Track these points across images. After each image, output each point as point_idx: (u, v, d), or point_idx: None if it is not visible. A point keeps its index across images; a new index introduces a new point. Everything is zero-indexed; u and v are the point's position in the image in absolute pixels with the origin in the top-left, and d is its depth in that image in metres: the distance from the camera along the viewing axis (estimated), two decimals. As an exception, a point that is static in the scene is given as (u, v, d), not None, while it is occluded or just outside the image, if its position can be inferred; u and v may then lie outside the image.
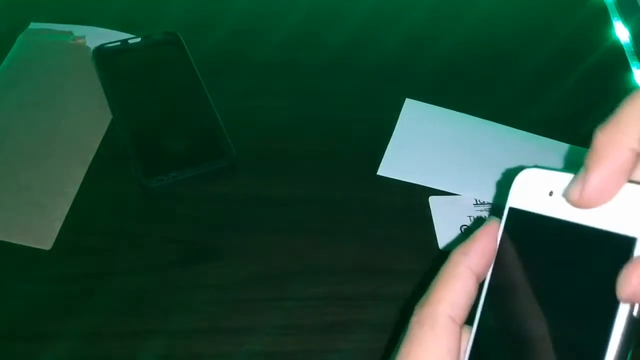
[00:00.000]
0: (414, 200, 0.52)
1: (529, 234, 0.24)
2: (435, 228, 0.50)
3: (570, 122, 0.57)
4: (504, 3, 0.68)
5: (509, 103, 0.59)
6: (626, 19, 0.67)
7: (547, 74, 0.61)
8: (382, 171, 0.53)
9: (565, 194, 0.22)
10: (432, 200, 0.52)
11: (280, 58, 0.61)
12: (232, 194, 0.52)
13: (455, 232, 0.50)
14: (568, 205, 0.22)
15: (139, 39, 0.59)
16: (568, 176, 0.23)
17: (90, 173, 0.52)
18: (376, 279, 0.48)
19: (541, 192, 0.23)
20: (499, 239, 0.25)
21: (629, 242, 0.21)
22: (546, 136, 0.56)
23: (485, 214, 0.51)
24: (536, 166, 0.24)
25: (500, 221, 0.25)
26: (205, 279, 0.47)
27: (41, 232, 0.48)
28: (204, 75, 0.57)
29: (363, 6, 0.67)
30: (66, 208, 0.50)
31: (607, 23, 0.66)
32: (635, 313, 0.21)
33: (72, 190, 0.51)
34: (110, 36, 0.60)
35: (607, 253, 0.21)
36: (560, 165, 0.54)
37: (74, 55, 0.59)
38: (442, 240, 0.49)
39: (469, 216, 0.51)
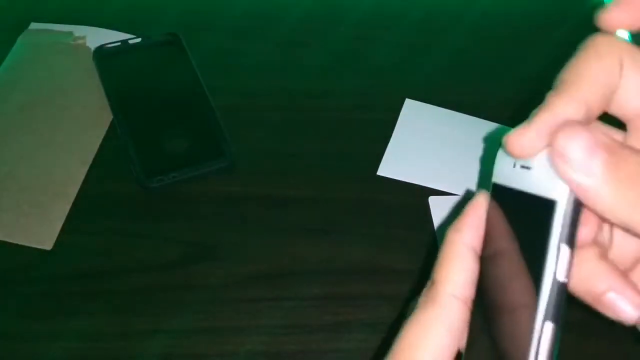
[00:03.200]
0: (414, 200, 0.52)
1: (502, 205, 0.24)
2: (435, 228, 0.50)
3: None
4: (504, 3, 0.68)
5: (509, 103, 0.59)
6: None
7: (547, 74, 0.61)
8: (382, 171, 0.53)
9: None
10: (432, 200, 0.52)
11: (280, 58, 0.61)
12: (231, 194, 0.52)
13: (455, 232, 0.50)
14: (518, 174, 0.23)
15: (139, 39, 0.59)
16: None
17: (90, 173, 0.52)
18: (376, 279, 0.48)
19: (509, 164, 0.24)
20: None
21: (552, 204, 0.22)
22: (546, 136, 0.56)
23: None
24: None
25: (489, 194, 0.25)
26: (205, 279, 0.47)
27: (42, 232, 0.48)
28: (203, 76, 0.57)
29: (363, 6, 0.66)
30: (67, 208, 0.50)
31: (606, 23, 0.66)
32: (559, 277, 0.21)
33: (73, 190, 0.51)
34: (110, 36, 0.60)
35: (538, 216, 0.22)
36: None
37: (74, 56, 0.59)
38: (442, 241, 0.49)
39: (469, 216, 0.51)
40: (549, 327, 0.21)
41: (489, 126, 0.56)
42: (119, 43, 0.59)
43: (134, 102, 0.56)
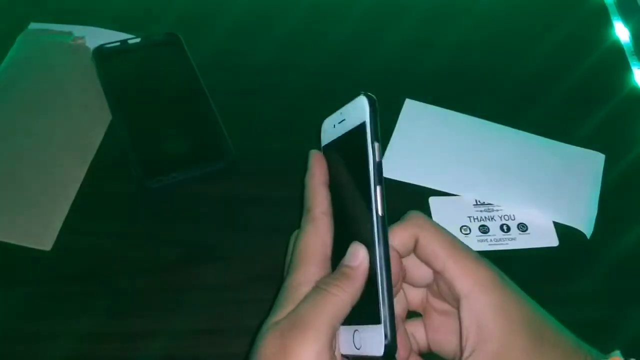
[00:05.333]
0: (414, 201, 0.51)
1: (336, 154, 0.35)
2: (435, 228, 0.50)
3: (570, 122, 0.57)
4: (504, 3, 0.68)
5: (508, 103, 0.59)
6: (626, 18, 0.67)
7: (547, 74, 0.61)
8: (382, 171, 0.53)
9: None
10: (432, 201, 0.52)
11: (280, 58, 0.61)
12: (231, 195, 0.52)
13: (455, 233, 0.49)
14: (337, 129, 0.35)
15: (138, 39, 0.59)
16: (339, 114, 0.35)
17: (90, 173, 0.52)
18: (376, 280, 0.47)
19: (330, 127, 0.36)
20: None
21: (364, 126, 0.33)
22: (546, 136, 0.56)
23: (485, 214, 0.51)
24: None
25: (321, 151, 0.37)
26: (205, 279, 0.47)
27: (41, 233, 0.48)
28: (203, 76, 0.57)
29: (363, 6, 0.66)
30: (66, 208, 0.50)
31: (607, 23, 0.66)
32: (377, 159, 0.32)
33: (72, 190, 0.51)
34: (109, 36, 0.60)
35: (360, 145, 0.32)
36: (560, 166, 0.54)
37: (73, 56, 0.59)
38: (442, 241, 0.49)
39: (469, 217, 0.51)
40: (379, 189, 0.31)
41: (489, 126, 0.56)
42: (119, 43, 0.58)
43: (133, 102, 0.55)
